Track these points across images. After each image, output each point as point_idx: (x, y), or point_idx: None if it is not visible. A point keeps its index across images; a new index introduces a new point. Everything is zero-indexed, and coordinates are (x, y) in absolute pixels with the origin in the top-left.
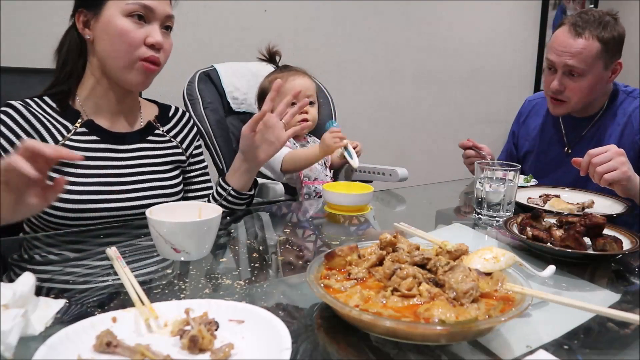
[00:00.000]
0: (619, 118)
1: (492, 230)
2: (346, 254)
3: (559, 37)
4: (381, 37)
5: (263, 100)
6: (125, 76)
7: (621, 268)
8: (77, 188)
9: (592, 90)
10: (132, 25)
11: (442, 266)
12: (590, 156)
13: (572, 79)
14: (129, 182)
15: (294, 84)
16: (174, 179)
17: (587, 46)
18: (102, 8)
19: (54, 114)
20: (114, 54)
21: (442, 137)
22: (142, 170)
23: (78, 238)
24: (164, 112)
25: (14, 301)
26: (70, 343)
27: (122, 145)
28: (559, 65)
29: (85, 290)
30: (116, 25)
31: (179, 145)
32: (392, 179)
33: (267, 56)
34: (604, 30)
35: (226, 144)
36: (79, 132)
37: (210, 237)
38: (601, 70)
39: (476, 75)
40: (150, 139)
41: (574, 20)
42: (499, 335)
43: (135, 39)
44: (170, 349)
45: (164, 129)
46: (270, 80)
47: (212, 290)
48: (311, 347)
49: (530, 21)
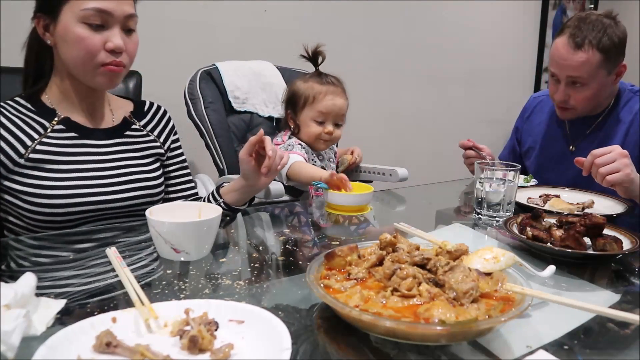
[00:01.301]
0: (625, 117)
1: (492, 230)
2: (346, 254)
3: (559, 48)
4: (381, 37)
5: (294, 105)
6: (90, 80)
7: (621, 268)
8: (62, 183)
9: (597, 96)
10: (88, 31)
11: (442, 266)
12: (593, 156)
13: (576, 89)
14: (113, 176)
15: (328, 104)
16: (155, 171)
17: (587, 58)
18: (60, 13)
19: (29, 113)
20: (74, 60)
21: (442, 137)
22: (124, 163)
23: (78, 238)
24: (139, 108)
25: (16, 301)
26: (70, 343)
27: (101, 141)
28: (561, 76)
29: (85, 291)
30: (73, 32)
31: (156, 139)
32: (392, 179)
33: (309, 55)
34: (604, 39)
35: (227, 144)
36: (56, 129)
37: (210, 237)
38: (604, 77)
39: (476, 75)
40: (128, 134)
41: (573, 31)
42: (499, 336)
43: (93, 46)
44: (170, 349)
45: (140, 124)
46: (306, 88)
47: (212, 291)
48: (311, 347)
49: (530, 21)
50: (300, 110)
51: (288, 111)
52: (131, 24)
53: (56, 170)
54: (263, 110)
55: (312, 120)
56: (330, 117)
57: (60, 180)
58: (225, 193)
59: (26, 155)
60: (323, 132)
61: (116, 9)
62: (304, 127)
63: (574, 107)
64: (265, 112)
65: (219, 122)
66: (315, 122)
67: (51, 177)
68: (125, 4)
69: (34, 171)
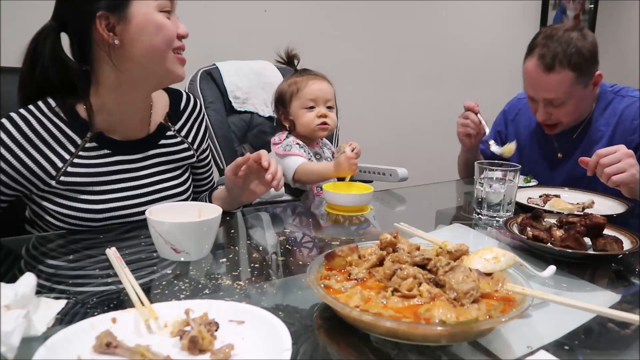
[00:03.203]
0: (609, 119)
1: (492, 231)
2: (346, 254)
3: (531, 72)
4: (381, 37)
5: (282, 105)
6: (169, 70)
7: (621, 268)
8: (96, 207)
9: (578, 109)
10: (165, 19)
11: (443, 266)
12: (598, 156)
13: (555, 108)
14: (145, 194)
15: (313, 88)
16: (186, 182)
17: (560, 79)
18: (128, 8)
19: (60, 123)
20: (154, 50)
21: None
22: (156, 179)
23: (78, 238)
24: (175, 106)
25: (16, 302)
26: (70, 344)
27: (134, 155)
28: (537, 98)
29: (85, 291)
30: (154, 20)
31: (190, 146)
32: (392, 179)
33: (285, 59)
34: (574, 56)
35: (227, 144)
36: (88, 147)
37: (210, 237)
38: (581, 91)
39: (476, 75)
40: (162, 143)
41: (542, 51)
42: (499, 336)
43: (173, 32)
44: (170, 350)
45: (175, 128)
46: (289, 84)
47: (212, 291)
48: (311, 347)
49: (530, 21)
50: (288, 105)
51: (280, 112)
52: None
53: (90, 192)
54: (263, 110)
55: (303, 109)
56: (319, 101)
57: (94, 203)
58: (215, 198)
59: (57, 177)
60: (316, 116)
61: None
62: (297, 119)
63: (559, 121)
64: (266, 112)
65: (219, 122)
66: (306, 109)
67: (85, 199)
68: None
69: (67, 192)
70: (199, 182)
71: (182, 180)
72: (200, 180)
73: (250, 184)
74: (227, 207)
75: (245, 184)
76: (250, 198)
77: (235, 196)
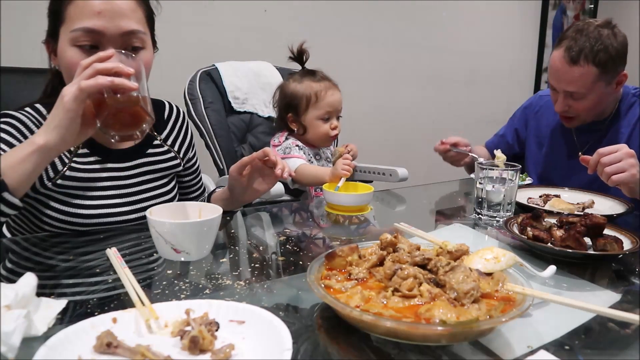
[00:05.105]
0: (629, 120)
1: (492, 231)
2: (347, 254)
3: (556, 62)
4: (381, 37)
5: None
6: None
7: (622, 268)
8: (85, 211)
9: (597, 105)
10: (79, 55)
11: (443, 266)
12: (599, 155)
13: (575, 100)
14: (132, 202)
15: (332, 100)
16: (172, 191)
17: (583, 73)
18: (59, 37)
19: None
20: None
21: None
22: (144, 187)
23: (78, 239)
24: (159, 115)
25: (16, 302)
26: (71, 344)
27: (123, 163)
28: (559, 89)
29: (86, 291)
30: (64, 57)
31: (176, 155)
32: (392, 179)
33: (295, 55)
34: (600, 53)
35: (227, 144)
36: (80, 153)
37: (210, 237)
38: (603, 88)
39: (476, 75)
40: (150, 152)
41: (569, 43)
42: (499, 336)
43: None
44: (171, 350)
45: (161, 137)
46: (305, 88)
47: (212, 291)
48: (312, 347)
49: (530, 21)
50: (304, 111)
51: (289, 114)
52: (134, 42)
53: (80, 197)
54: (263, 111)
55: (319, 120)
56: (334, 113)
57: (83, 208)
58: (215, 200)
59: (54, 180)
60: (330, 128)
61: (108, 26)
62: (311, 128)
63: (577, 115)
64: (265, 113)
65: (219, 123)
66: (322, 121)
67: (75, 203)
68: (122, 19)
69: (60, 195)
70: (187, 190)
71: (169, 189)
72: (188, 188)
73: (253, 182)
74: (229, 207)
75: (249, 182)
76: (252, 197)
77: (238, 195)
